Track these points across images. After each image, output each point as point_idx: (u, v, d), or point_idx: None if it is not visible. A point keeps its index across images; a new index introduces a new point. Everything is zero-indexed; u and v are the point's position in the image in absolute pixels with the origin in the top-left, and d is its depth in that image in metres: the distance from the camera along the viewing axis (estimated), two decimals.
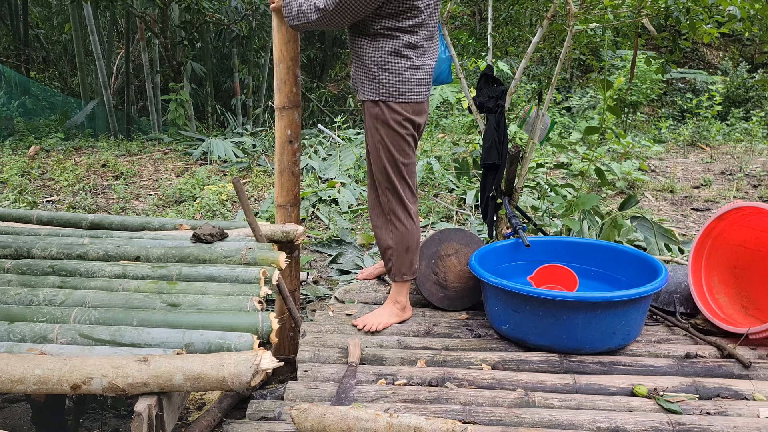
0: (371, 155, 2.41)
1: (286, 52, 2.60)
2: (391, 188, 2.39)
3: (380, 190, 2.42)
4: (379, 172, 2.38)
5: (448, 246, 2.71)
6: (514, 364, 2.19)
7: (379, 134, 2.34)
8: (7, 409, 2.29)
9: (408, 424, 1.62)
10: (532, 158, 4.18)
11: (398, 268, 2.48)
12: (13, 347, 1.78)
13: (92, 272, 2.38)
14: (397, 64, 2.27)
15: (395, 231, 2.43)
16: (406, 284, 2.53)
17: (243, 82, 8.49)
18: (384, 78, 2.28)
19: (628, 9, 3.08)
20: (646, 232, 3.55)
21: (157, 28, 7.48)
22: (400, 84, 2.28)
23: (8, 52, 9.76)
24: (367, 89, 2.33)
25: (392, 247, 2.45)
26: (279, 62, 2.63)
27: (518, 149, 2.95)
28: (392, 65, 2.27)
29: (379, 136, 2.34)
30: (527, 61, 3.06)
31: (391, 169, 2.36)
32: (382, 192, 2.41)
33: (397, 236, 2.43)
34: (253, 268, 2.40)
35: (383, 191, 2.41)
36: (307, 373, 2.12)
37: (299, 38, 2.61)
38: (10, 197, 4.90)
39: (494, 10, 4.03)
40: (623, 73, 8.94)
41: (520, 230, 2.76)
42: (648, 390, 2.00)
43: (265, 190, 5.39)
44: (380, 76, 2.28)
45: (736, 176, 6.04)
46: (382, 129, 2.33)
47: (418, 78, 2.31)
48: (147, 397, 1.63)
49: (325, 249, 3.90)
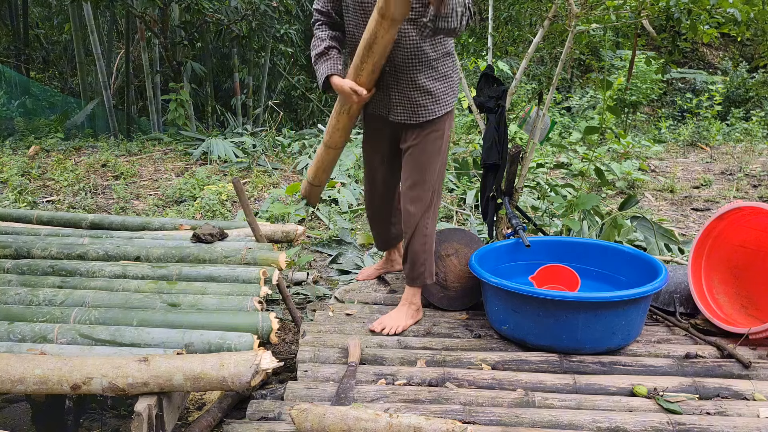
0: (417, 166, 2.38)
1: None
2: (434, 196, 2.42)
3: (419, 195, 2.39)
4: (424, 182, 2.38)
5: (448, 246, 2.71)
6: (514, 364, 2.19)
7: (438, 145, 2.37)
8: (7, 409, 2.29)
9: (408, 424, 1.61)
10: (532, 158, 4.18)
11: (430, 273, 2.51)
12: (13, 347, 1.79)
13: (92, 272, 2.38)
14: (452, 66, 2.35)
15: (428, 237, 2.44)
16: (420, 287, 2.55)
17: (243, 82, 8.49)
18: (448, 87, 2.35)
19: (629, 10, 3.08)
20: (646, 232, 3.55)
21: (157, 28, 7.47)
22: (455, 88, 2.37)
23: (8, 52, 9.76)
24: (431, 108, 2.33)
25: (426, 252, 2.46)
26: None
27: (518, 149, 2.95)
28: (452, 71, 2.35)
29: (438, 146, 2.37)
30: (527, 61, 3.06)
31: (438, 177, 2.40)
32: (419, 198, 2.39)
33: (429, 242, 2.46)
34: (253, 268, 2.40)
35: (422, 197, 2.39)
36: (307, 373, 2.12)
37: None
38: (10, 197, 4.89)
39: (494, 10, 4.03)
40: (623, 73, 8.95)
41: (520, 230, 2.76)
42: (648, 390, 2.00)
43: (265, 190, 5.39)
44: (446, 87, 2.33)
45: (736, 176, 6.04)
46: (441, 140, 2.37)
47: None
48: (147, 397, 1.63)
49: (325, 249, 3.90)
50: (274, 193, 4.98)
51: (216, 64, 8.95)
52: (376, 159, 2.61)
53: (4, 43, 9.94)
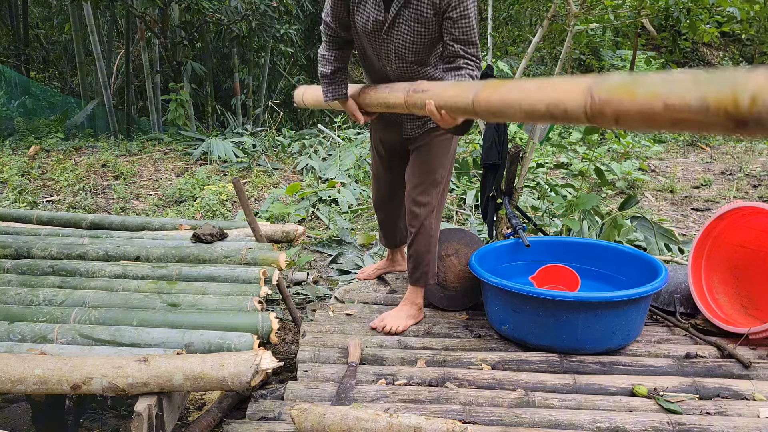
0: (423, 167, 2.38)
1: None
2: (439, 197, 2.42)
3: (425, 197, 2.39)
4: (430, 183, 2.38)
5: (448, 246, 2.71)
6: (514, 364, 2.19)
7: (445, 147, 2.38)
8: (7, 409, 2.29)
9: (408, 424, 1.61)
10: (532, 158, 4.18)
11: (433, 273, 2.51)
12: (13, 347, 1.78)
13: (92, 272, 2.38)
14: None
15: (432, 238, 2.45)
16: (423, 287, 2.55)
17: (243, 82, 8.48)
18: None
19: (628, 9, 3.08)
20: (646, 232, 3.55)
21: (157, 28, 7.47)
22: None
23: (8, 52, 9.75)
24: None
25: (431, 252, 2.47)
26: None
27: (518, 149, 2.95)
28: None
29: (446, 148, 2.38)
30: (527, 61, 3.06)
31: (445, 179, 2.41)
32: (424, 199, 2.40)
33: (434, 242, 2.47)
34: (253, 268, 2.40)
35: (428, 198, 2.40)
36: (307, 373, 2.12)
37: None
38: (10, 197, 4.89)
39: (494, 10, 4.03)
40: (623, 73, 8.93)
41: (520, 230, 2.76)
42: (648, 390, 2.00)
43: (265, 190, 5.39)
44: None
45: (736, 176, 6.04)
46: (449, 143, 2.38)
47: None
48: (147, 397, 1.63)
49: (325, 249, 3.90)
50: (274, 193, 4.98)
51: (216, 64, 8.95)
52: (383, 159, 2.61)
53: (4, 43, 9.93)
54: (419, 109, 1.87)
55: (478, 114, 1.58)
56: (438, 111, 1.77)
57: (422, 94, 1.84)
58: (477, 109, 1.55)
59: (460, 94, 1.64)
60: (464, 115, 1.74)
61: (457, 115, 1.74)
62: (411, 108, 1.93)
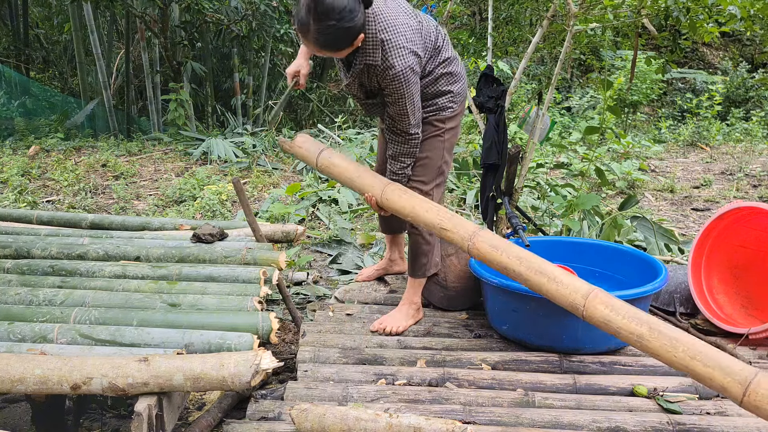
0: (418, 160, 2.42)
1: None
2: (434, 190, 2.45)
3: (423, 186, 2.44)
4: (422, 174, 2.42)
5: (448, 246, 2.70)
6: (514, 364, 2.19)
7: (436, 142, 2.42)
8: (7, 409, 2.29)
9: (408, 424, 1.62)
10: (532, 158, 4.18)
11: (435, 263, 2.54)
12: (13, 347, 1.78)
13: (92, 272, 2.38)
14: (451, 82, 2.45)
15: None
16: (421, 284, 2.54)
17: (243, 82, 8.48)
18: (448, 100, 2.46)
19: (628, 9, 3.08)
20: (646, 232, 3.55)
21: (157, 28, 7.47)
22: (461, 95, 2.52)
23: (8, 52, 9.75)
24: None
25: (430, 243, 2.49)
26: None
27: (518, 149, 2.95)
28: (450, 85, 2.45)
29: (438, 143, 2.42)
30: (527, 61, 3.06)
31: (437, 172, 2.44)
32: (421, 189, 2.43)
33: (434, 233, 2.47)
34: (253, 268, 2.40)
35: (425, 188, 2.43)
36: (307, 373, 2.12)
37: None
38: (10, 197, 4.90)
39: (494, 10, 4.03)
40: (623, 73, 8.94)
41: (520, 230, 2.76)
42: (648, 390, 2.00)
43: (265, 190, 5.39)
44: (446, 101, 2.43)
45: (736, 176, 6.04)
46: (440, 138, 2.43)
47: None
48: (147, 397, 1.63)
49: (325, 249, 3.90)
50: (274, 193, 4.98)
51: (216, 64, 8.95)
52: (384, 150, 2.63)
53: (4, 43, 9.93)
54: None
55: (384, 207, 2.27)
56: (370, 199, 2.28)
57: (369, 187, 2.30)
58: (383, 205, 2.26)
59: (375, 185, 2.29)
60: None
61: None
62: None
